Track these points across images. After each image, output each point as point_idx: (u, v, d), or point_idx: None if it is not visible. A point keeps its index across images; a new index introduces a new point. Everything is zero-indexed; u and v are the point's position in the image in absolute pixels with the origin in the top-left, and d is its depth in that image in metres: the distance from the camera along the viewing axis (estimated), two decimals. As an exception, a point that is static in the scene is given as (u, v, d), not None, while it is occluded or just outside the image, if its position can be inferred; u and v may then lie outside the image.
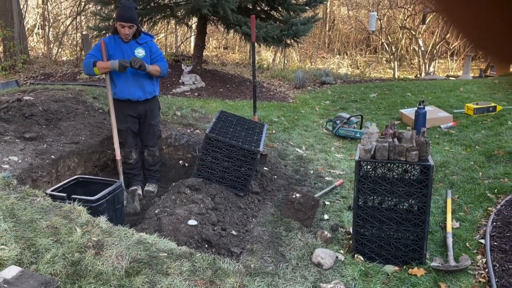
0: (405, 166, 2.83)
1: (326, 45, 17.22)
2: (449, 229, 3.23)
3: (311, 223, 3.38)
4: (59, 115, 4.29)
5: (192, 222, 2.98)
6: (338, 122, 5.96)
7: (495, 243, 2.99)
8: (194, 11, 6.57)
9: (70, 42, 11.34)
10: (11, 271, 2.07)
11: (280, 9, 7.95)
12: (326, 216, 3.60)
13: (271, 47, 8.68)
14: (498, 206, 3.53)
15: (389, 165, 2.84)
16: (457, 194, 3.92)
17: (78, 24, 10.84)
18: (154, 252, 2.53)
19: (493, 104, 6.52)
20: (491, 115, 6.33)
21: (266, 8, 8.01)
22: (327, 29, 17.51)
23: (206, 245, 2.88)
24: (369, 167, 2.89)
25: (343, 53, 16.15)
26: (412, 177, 2.85)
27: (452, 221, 3.38)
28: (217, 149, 3.50)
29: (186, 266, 2.45)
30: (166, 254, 2.54)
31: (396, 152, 2.80)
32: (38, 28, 12.43)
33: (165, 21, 8.25)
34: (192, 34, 11.72)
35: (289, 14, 8.01)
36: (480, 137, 5.44)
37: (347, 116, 6.03)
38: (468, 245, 3.07)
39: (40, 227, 2.45)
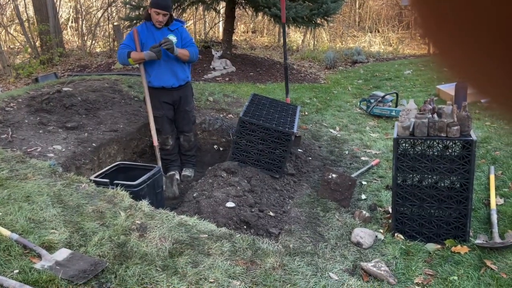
0: (446, 142, 2.75)
1: (357, 23, 16.79)
2: (493, 206, 3.13)
3: (348, 203, 3.36)
4: (97, 105, 4.41)
5: (230, 204, 3.03)
6: (372, 101, 5.84)
7: (544, 219, 2.88)
8: (222, -5, 6.55)
9: (102, 33, 11.58)
10: (62, 254, 2.18)
11: (309, -12, 7.78)
12: (363, 196, 3.57)
13: (301, 28, 8.53)
14: (546, 181, 3.39)
15: (428, 141, 2.77)
16: (500, 170, 3.78)
17: (109, 15, 11.05)
18: (195, 233, 2.60)
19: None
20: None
21: (294, -12, 7.86)
22: (357, 6, 17.06)
23: (245, 226, 2.92)
24: (407, 144, 2.83)
25: (375, 31, 15.72)
26: (453, 153, 2.77)
27: (496, 197, 3.27)
28: (251, 132, 3.52)
29: (226, 247, 2.50)
30: (206, 235, 2.59)
31: (436, 128, 2.72)
32: (72, 22, 12.75)
33: (194, 7, 8.26)
34: (221, 19, 11.71)
35: (318, -8, 7.83)
36: (524, 110, 5.21)
37: (382, 94, 5.89)
38: (514, 222, 2.97)
39: (87, 212, 2.56)
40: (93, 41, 10.70)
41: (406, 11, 15.92)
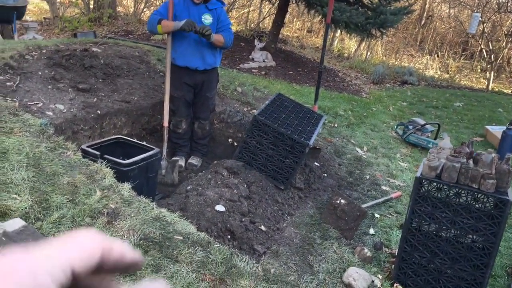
0: (476, 195, 2.34)
1: (417, 43, 15.99)
2: (517, 278, 2.69)
3: (352, 235, 3.00)
4: (119, 71, 4.23)
5: (219, 207, 2.74)
6: (410, 127, 5.37)
7: None
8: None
9: (158, 2, 11.52)
10: (15, 224, 1.97)
11: (371, -5, 7.33)
12: (372, 231, 3.19)
13: (352, 35, 8.08)
14: None
15: (456, 189, 2.37)
16: (536, 237, 3.30)
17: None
18: (170, 233, 2.33)
19: None
20: None
21: (356, -8, 7.43)
22: (421, 25, 16.24)
23: (229, 236, 2.63)
24: (431, 187, 2.44)
25: (435, 54, 14.89)
26: (482, 210, 2.36)
27: (523, 269, 2.82)
28: (263, 134, 3.20)
29: (199, 256, 2.22)
30: (181, 238, 2.32)
31: (468, 177, 2.31)
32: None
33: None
34: (275, 10, 11.39)
35: (380, 2, 7.36)
36: None
37: (422, 122, 5.41)
38: (538, 304, 2.52)
39: (60, 183, 2.34)
40: (145, 9, 10.65)
41: (473, 40, 15.00)
